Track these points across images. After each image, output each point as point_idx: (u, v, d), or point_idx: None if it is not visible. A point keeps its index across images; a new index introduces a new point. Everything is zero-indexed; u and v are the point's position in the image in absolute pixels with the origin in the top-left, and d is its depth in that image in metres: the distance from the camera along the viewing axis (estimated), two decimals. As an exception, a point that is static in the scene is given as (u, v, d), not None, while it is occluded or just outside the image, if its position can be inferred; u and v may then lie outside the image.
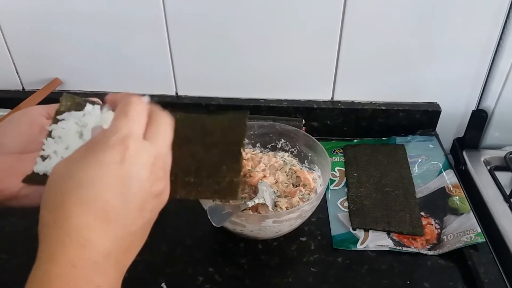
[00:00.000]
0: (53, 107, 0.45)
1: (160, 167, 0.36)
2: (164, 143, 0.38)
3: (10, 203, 0.42)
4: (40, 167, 0.42)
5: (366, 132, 0.83)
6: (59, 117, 0.44)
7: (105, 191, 0.32)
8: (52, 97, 0.81)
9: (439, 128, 0.82)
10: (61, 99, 0.45)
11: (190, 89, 0.83)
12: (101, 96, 0.83)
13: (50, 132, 0.43)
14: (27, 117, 0.43)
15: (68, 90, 0.84)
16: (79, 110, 0.44)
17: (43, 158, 0.42)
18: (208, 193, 0.42)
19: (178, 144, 0.43)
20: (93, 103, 0.45)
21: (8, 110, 0.76)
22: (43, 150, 0.42)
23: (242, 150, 0.43)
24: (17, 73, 0.83)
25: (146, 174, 0.34)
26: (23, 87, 0.85)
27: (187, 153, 0.43)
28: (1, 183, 0.41)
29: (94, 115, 0.44)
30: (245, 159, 0.70)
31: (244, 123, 0.45)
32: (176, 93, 0.83)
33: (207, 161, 0.43)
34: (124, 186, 0.33)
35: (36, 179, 0.42)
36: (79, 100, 0.45)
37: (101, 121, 0.44)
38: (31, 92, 0.80)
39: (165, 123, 0.39)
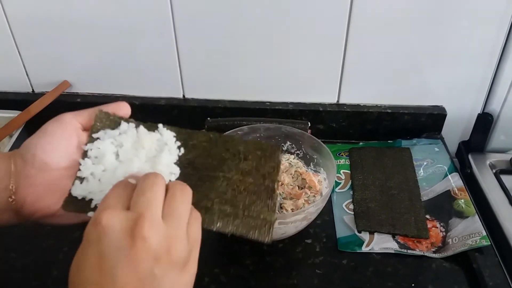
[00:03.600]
0: (84, 115, 0.43)
1: (147, 227, 0.32)
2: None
3: (48, 221, 0.41)
4: (78, 191, 0.41)
5: (372, 135, 0.83)
6: (94, 135, 0.43)
7: (92, 275, 0.31)
8: (61, 100, 0.82)
9: (444, 132, 0.83)
10: (96, 116, 0.44)
11: (197, 92, 0.83)
12: (110, 98, 0.84)
13: (85, 152, 0.42)
14: (62, 131, 0.41)
15: (77, 93, 0.85)
16: (114, 129, 0.44)
17: (81, 179, 0.41)
18: (244, 229, 0.40)
19: (214, 166, 0.43)
20: (127, 121, 0.44)
21: (18, 112, 0.77)
22: (80, 170, 0.41)
23: (276, 186, 0.42)
24: (27, 75, 0.84)
25: (127, 241, 0.32)
26: (32, 89, 0.86)
27: (222, 177, 0.42)
28: (41, 201, 0.40)
29: (129, 135, 0.43)
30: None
31: (278, 157, 0.43)
32: (183, 96, 0.84)
33: (242, 191, 0.42)
34: (107, 265, 0.31)
35: (75, 204, 0.41)
36: (113, 117, 0.45)
37: (137, 141, 0.43)
38: (41, 94, 0.81)
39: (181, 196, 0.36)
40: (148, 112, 0.84)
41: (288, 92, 0.82)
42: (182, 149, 0.45)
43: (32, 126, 0.76)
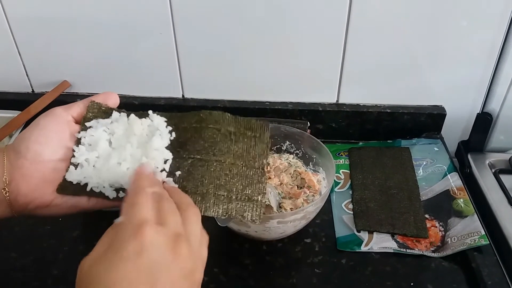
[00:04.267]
0: (75, 107, 0.44)
1: (184, 247, 0.35)
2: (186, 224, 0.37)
3: (41, 212, 0.42)
4: (73, 176, 0.42)
5: (371, 135, 0.83)
6: (87, 124, 0.44)
7: (134, 286, 0.31)
8: (61, 100, 0.82)
9: (444, 131, 0.83)
10: (88, 106, 0.45)
11: (197, 92, 0.84)
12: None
13: (79, 139, 0.43)
14: (55, 124, 0.42)
15: (77, 93, 0.85)
16: (106, 118, 0.45)
17: (75, 166, 0.42)
18: (238, 213, 0.42)
19: (206, 149, 0.43)
20: (118, 111, 0.45)
21: (18, 112, 0.77)
22: (74, 157, 0.42)
23: (266, 169, 0.44)
24: (27, 75, 0.84)
25: (169, 258, 0.33)
26: (32, 89, 0.86)
27: (215, 161, 0.43)
28: (35, 191, 0.41)
29: (121, 122, 0.44)
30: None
31: (267, 138, 0.45)
32: (183, 96, 0.84)
33: (235, 175, 0.43)
34: (151, 276, 0.32)
35: (70, 188, 0.42)
36: (105, 108, 0.46)
37: (129, 128, 0.44)
38: (40, 94, 0.81)
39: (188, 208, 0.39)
40: (148, 112, 0.84)
41: (288, 92, 0.82)
42: (174, 134, 0.45)
43: (32, 126, 0.77)
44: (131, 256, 0.32)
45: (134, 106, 0.83)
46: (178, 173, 0.43)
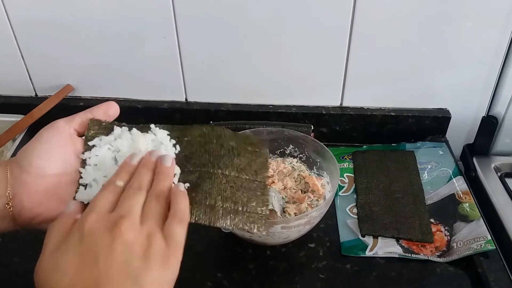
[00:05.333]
0: (77, 119, 0.44)
1: (126, 228, 0.36)
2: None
3: (46, 227, 0.41)
4: (83, 196, 0.42)
5: (375, 138, 0.83)
6: (90, 143, 0.44)
7: (76, 271, 0.34)
8: (64, 103, 0.82)
9: (449, 134, 0.82)
10: (88, 124, 0.44)
11: (200, 95, 0.83)
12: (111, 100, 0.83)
13: (84, 160, 0.43)
14: (57, 137, 0.42)
15: (80, 97, 0.85)
16: (108, 134, 0.44)
17: (84, 186, 0.42)
18: (245, 225, 0.43)
19: (212, 162, 0.44)
20: (120, 125, 0.45)
21: (21, 116, 0.77)
22: (82, 178, 0.42)
23: (267, 181, 0.46)
24: (31, 79, 0.84)
25: (108, 239, 0.35)
26: (36, 93, 0.86)
27: (221, 174, 0.44)
28: (39, 206, 0.40)
29: (124, 139, 0.44)
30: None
31: (265, 152, 0.47)
32: (186, 99, 0.84)
33: (240, 188, 0.44)
34: (93, 257, 0.34)
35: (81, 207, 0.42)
36: (105, 123, 0.45)
37: (133, 144, 0.44)
38: (44, 98, 0.81)
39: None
40: (151, 115, 0.84)
41: (291, 95, 0.82)
42: (178, 147, 0.45)
43: (35, 130, 0.76)
44: (74, 245, 0.35)
45: (137, 109, 0.83)
46: (186, 185, 0.43)
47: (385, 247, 0.63)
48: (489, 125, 0.78)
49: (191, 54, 0.78)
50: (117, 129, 0.45)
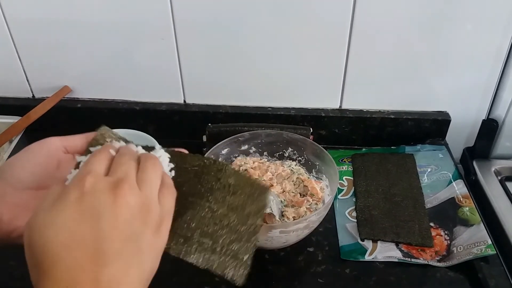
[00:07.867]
0: (71, 140, 0.44)
1: (127, 190, 0.36)
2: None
3: (23, 241, 0.40)
4: None
5: (375, 141, 0.82)
6: (91, 148, 0.43)
7: (76, 228, 0.33)
8: (61, 105, 0.81)
9: (448, 138, 0.82)
10: (98, 130, 0.44)
11: (198, 97, 0.83)
12: (110, 104, 0.83)
13: (78, 163, 0.41)
14: (45, 151, 0.42)
15: (77, 98, 0.84)
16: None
17: None
18: (219, 267, 0.40)
19: (202, 194, 0.42)
20: (126, 141, 0.44)
21: (18, 117, 0.77)
22: (67, 180, 0.41)
23: (259, 230, 0.42)
24: (28, 81, 0.84)
25: (109, 200, 0.34)
26: (33, 94, 0.85)
27: (208, 207, 0.42)
28: (16, 220, 0.39)
29: None
30: (252, 168, 0.69)
31: (265, 199, 0.43)
32: (184, 101, 0.84)
33: (224, 226, 0.41)
34: (94, 215, 0.34)
35: None
36: (115, 136, 0.44)
37: None
38: (41, 100, 0.81)
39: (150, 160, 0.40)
40: (149, 117, 0.83)
41: (290, 97, 0.81)
42: (173, 172, 0.44)
43: (32, 132, 0.76)
44: (73, 202, 0.34)
45: (136, 111, 0.83)
46: None
47: (385, 251, 0.63)
48: (489, 128, 0.78)
49: (189, 55, 0.77)
50: (122, 143, 0.43)
